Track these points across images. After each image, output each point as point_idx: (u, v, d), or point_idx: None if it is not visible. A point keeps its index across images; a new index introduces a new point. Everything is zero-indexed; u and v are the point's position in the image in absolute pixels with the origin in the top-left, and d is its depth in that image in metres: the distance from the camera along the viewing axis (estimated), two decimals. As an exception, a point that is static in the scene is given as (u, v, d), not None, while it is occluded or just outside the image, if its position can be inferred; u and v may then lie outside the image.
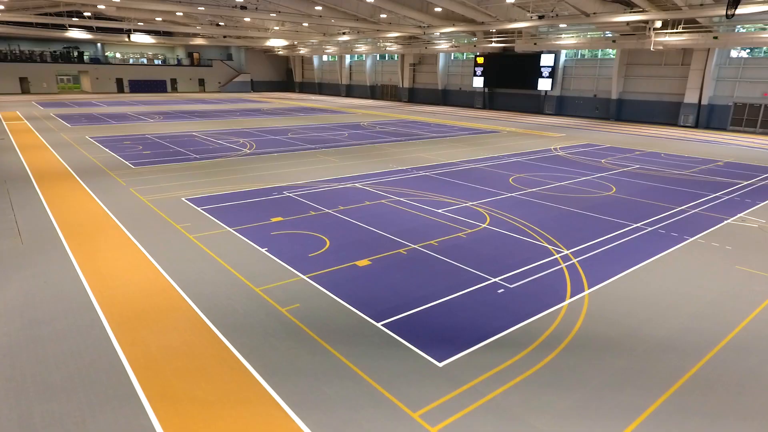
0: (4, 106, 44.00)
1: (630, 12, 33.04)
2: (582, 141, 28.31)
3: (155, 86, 70.09)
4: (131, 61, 72.25)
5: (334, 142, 26.21)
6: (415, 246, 10.71)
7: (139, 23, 54.32)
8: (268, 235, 11.24)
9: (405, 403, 5.66)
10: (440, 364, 6.42)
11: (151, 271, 9.15)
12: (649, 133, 32.61)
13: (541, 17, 35.70)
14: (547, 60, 44.73)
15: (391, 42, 57.29)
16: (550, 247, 10.83)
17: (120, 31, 57.25)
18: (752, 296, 8.58)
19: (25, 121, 32.76)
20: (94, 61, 67.85)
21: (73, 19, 49.53)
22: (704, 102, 35.95)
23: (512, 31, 44.66)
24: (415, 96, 60.47)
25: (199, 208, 13.28)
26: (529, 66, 46.02)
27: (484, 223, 12.40)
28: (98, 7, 43.34)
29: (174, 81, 71.79)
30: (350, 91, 70.44)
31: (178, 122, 34.20)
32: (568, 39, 41.57)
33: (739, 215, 13.58)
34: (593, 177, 18.31)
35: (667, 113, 38.81)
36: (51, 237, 10.88)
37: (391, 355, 6.60)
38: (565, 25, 40.60)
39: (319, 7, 43.10)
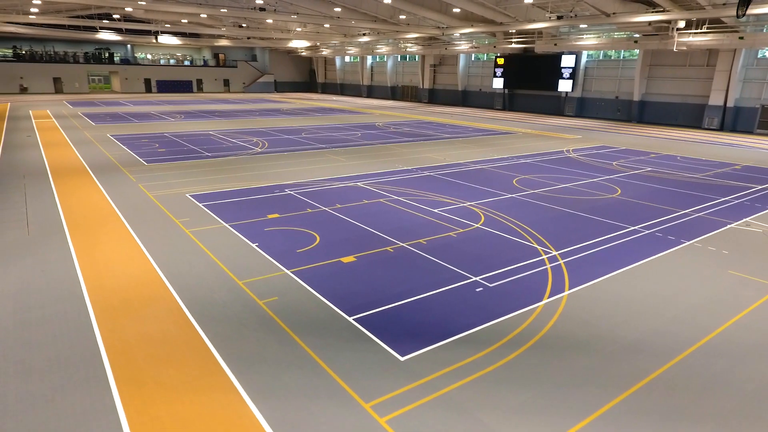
0: (37, 105, 45.83)
1: (652, 12, 32.33)
2: (597, 143, 27.87)
3: (182, 86, 71.83)
4: (162, 62, 74.23)
5: (346, 141, 26.48)
6: (403, 244, 10.81)
7: (166, 25, 55.88)
8: (261, 231, 11.52)
9: (359, 393, 5.80)
10: (402, 358, 6.53)
11: (143, 263, 9.51)
12: (670, 136, 31.85)
13: (559, 17, 35.25)
14: (567, 61, 44.11)
15: (411, 43, 57.40)
16: (539, 247, 10.79)
17: (148, 32, 58.94)
18: (738, 301, 8.40)
19: (53, 119, 34.10)
20: (124, 62, 69.98)
21: (103, 21, 51.26)
22: (730, 104, 34.89)
23: (532, 32, 44.23)
24: (435, 97, 60.40)
25: (200, 204, 13.67)
26: (550, 67, 45.47)
27: (477, 223, 12.41)
28: (126, 9, 44.82)
29: (200, 81, 73.43)
30: (371, 91, 70.79)
31: (198, 121, 35.06)
32: (588, 39, 40.93)
33: (744, 220, 13.22)
34: (600, 179, 18.05)
35: (691, 116, 37.80)
36: (56, 229, 11.40)
37: (355, 348, 6.74)
38: (586, 26, 39.97)
39: (338, 9, 43.51)
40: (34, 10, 46.68)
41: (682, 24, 33.35)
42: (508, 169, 19.56)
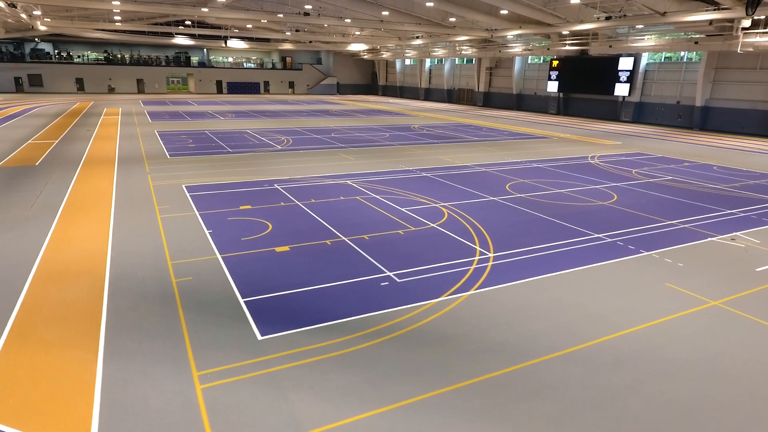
0: (114, 103, 50.71)
1: (711, 10, 29.91)
2: (634, 150, 26.31)
3: (250, 88, 76.09)
4: (245, 65, 79.07)
5: (368, 142, 27.04)
6: (345, 238, 11.17)
7: (235, 30, 59.61)
8: (224, 220, 12.35)
9: (198, 363, 6.31)
10: (260, 338, 6.96)
11: (102, 241, 10.64)
12: (726, 145, 29.30)
13: (608, 18, 33.58)
14: (625, 63, 41.76)
15: (466, 46, 56.90)
16: (479, 249, 10.70)
17: (218, 38, 63.12)
18: (649, 313, 7.94)
19: (119, 116, 37.71)
20: (201, 64, 75.43)
21: (179, 27, 55.74)
22: (804, 111, 31.43)
23: (586, 33, 42.37)
24: (490, 100, 59.40)
25: (188, 194, 14.82)
26: (606, 70, 43.27)
27: (435, 223, 12.47)
28: (197, 16, 48.48)
29: (267, 83, 77.39)
30: (429, 94, 70.90)
31: (244, 120, 37.21)
32: (645, 41, 38.51)
33: (733, 233, 12.18)
34: (603, 186, 17.21)
35: (760, 123, 34.44)
36: (53, 210, 12.95)
37: (225, 325, 7.26)
38: (642, 26, 37.65)
39: (385, 12, 44.21)
40: (117, 18, 51.78)
41: (747, 23, 30.58)
42: (511, 173, 19.16)
